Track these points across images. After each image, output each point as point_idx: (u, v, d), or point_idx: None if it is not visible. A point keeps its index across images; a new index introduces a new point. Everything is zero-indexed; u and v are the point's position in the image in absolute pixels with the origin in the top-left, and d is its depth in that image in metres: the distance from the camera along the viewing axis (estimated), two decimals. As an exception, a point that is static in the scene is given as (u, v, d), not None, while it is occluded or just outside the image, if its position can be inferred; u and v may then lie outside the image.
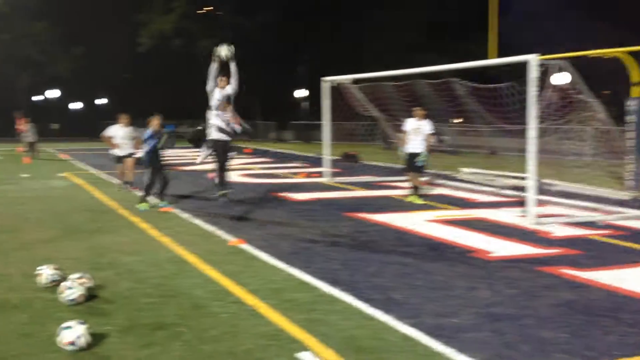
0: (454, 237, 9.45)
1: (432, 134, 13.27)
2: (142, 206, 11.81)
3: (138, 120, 14.57)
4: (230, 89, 12.26)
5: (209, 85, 12.45)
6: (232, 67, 11.16)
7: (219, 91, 12.55)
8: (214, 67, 10.89)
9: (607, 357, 4.83)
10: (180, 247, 8.59)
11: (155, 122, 12.22)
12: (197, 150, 13.89)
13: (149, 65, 54.14)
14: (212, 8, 50.20)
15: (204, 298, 6.25)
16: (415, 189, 13.24)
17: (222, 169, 12.90)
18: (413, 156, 13.08)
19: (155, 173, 12.07)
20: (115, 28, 52.87)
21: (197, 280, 6.89)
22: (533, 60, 10.59)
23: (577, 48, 18.51)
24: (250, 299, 6.20)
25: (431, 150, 13.31)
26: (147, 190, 12.10)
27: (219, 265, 7.53)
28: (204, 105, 13.30)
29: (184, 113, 53.28)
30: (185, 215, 11.25)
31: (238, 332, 5.28)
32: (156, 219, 10.88)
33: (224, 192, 12.84)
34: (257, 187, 15.99)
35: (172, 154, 26.57)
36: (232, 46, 10.53)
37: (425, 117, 13.21)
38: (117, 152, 14.76)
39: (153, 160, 12.03)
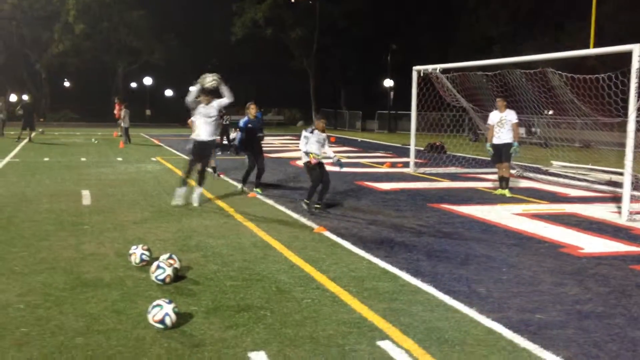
0: (542, 231, 9.18)
1: (518, 124, 12.89)
2: (258, 190, 12.35)
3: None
4: (216, 104, 11.41)
5: (189, 102, 11.86)
6: (224, 91, 10.57)
7: (204, 106, 11.74)
8: (195, 90, 10.85)
9: None
10: (264, 232, 8.76)
11: (252, 110, 12.47)
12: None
13: (239, 54, 55.26)
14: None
15: (287, 283, 6.36)
16: (506, 181, 12.88)
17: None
18: (499, 148, 12.74)
19: (254, 159, 12.41)
20: (209, 17, 54.32)
21: (281, 266, 7.01)
22: (637, 49, 10.10)
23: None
24: (333, 286, 6.25)
25: (520, 141, 12.92)
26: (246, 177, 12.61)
27: (303, 252, 7.64)
28: (288, 94, 13.36)
29: (270, 101, 54.12)
30: (270, 202, 11.45)
31: (319, 318, 5.34)
32: (242, 204, 11.14)
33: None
34: (342, 176, 16.04)
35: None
36: (216, 74, 10.57)
37: (507, 107, 12.84)
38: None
39: (251, 147, 12.36)
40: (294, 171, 16.58)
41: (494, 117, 12.88)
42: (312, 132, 10.74)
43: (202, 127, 10.84)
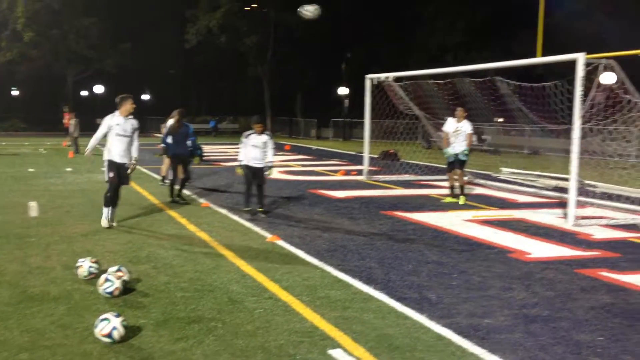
0: (492, 237, 9.36)
1: (472, 134, 13.06)
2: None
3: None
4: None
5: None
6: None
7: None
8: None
9: (644, 363, 4.73)
10: (217, 242, 8.70)
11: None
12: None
13: (194, 61, 54.91)
14: (256, 5, 50.54)
15: (240, 293, 6.32)
16: (461, 188, 13.00)
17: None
18: (454, 156, 12.88)
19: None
20: (162, 25, 53.79)
21: (233, 276, 6.97)
22: (581, 58, 10.40)
23: (625, 47, 18.09)
24: (285, 296, 6.25)
25: (471, 149, 13.09)
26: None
27: (256, 261, 7.61)
28: (244, 102, 13.37)
29: (225, 109, 53.88)
30: (223, 211, 11.38)
31: (271, 328, 5.33)
32: (195, 214, 11.04)
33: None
34: (296, 184, 16.07)
35: (213, 150, 26.91)
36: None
37: (466, 117, 12.98)
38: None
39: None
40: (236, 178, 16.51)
41: (450, 125, 12.93)
42: (247, 136, 10.84)
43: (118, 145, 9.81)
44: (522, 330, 5.37)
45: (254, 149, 10.81)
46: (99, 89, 56.39)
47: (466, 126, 12.76)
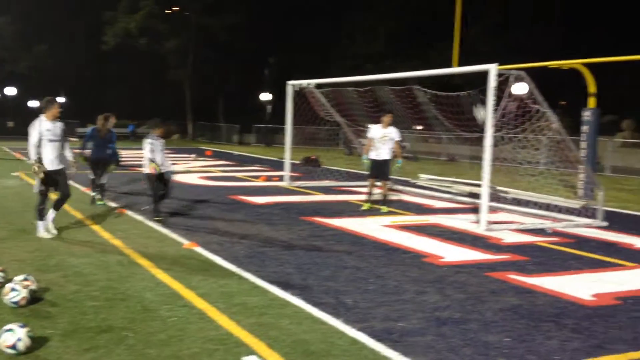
0: (408, 242, 9.56)
1: (400, 141, 13.16)
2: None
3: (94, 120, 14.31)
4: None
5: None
6: None
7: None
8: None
9: (547, 361, 4.94)
10: (132, 249, 8.50)
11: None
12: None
13: (112, 64, 53.54)
14: (178, 8, 49.79)
15: (153, 301, 6.19)
16: (384, 197, 13.08)
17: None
18: (379, 164, 12.77)
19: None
20: (78, 26, 52.17)
21: (147, 284, 6.83)
22: (493, 69, 10.78)
23: (537, 59, 18.91)
24: (201, 303, 6.17)
25: (395, 156, 13.10)
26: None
27: (171, 269, 7.48)
28: (164, 106, 13.18)
29: (145, 113, 52.73)
30: (139, 217, 11.13)
31: (185, 336, 5.25)
32: (109, 220, 10.76)
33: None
34: (217, 190, 15.90)
35: (131, 155, 26.28)
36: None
37: (392, 124, 13.00)
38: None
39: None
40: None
41: (375, 132, 12.79)
42: (153, 141, 10.86)
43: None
44: (434, 333, 5.51)
45: (161, 153, 10.89)
46: (10, 90, 54.07)
47: (394, 133, 12.79)
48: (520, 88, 11.77)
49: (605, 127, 31.92)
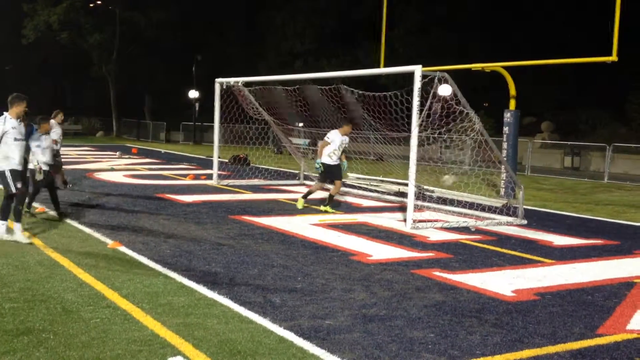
0: (336, 240, 9.63)
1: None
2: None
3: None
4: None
5: None
6: None
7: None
8: None
9: (469, 356, 5.08)
10: (52, 249, 8.22)
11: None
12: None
13: (32, 58, 51.59)
14: (100, 2, 48.38)
15: (75, 303, 6.01)
16: (331, 197, 13.04)
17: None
18: (334, 167, 12.78)
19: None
20: (-1, 16, 49.97)
21: (69, 284, 6.62)
22: (417, 70, 10.99)
23: (461, 61, 19.44)
24: (125, 304, 6.03)
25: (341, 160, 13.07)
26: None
27: (94, 269, 7.29)
28: (88, 102, 12.79)
29: (67, 109, 51.08)
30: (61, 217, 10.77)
31: (108, 338, 5.12)
32: (28, 219, 10.36)
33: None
34: (143, 188, 15.57)
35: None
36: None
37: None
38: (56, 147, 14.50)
39: None
40: (90, 183, 15.79)
41: (335, 137, 12.68)
42: (40, 138, 10.53)
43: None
44: (361, 330, 5.57)
45: (45, 150, 10.68)
46: None
47: (346, 140, 12.89)
48: (444, 89, 12.05)
49: (525, 128, 33.22)
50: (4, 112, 8.75)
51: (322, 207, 12.81)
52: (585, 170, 28.51)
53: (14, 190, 8.67)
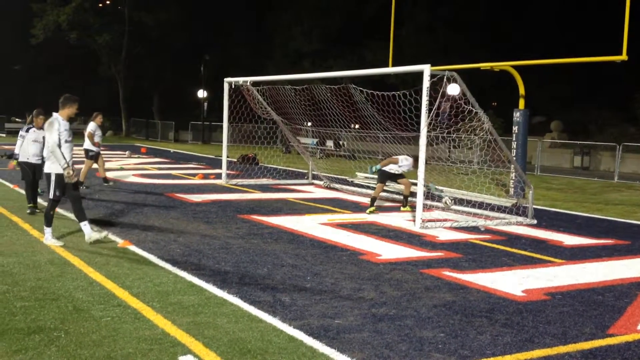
0: (345, 240, 9.63)
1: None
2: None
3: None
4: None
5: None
6: None
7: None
8: None
9: (479, 356, 5.06)
10: (63, 248, 8.26)
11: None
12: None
13: (42, 57, 51.82)
14: (108, 2, 48.58)
15: (86, 301, 6.04)
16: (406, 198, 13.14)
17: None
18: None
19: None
20: (8, 17, 50.23)
21: (80, 283, 6.65)
22: (426, 70, 10.97)
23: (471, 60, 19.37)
24: (135, 302, 6.05)
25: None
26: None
27: (105, 268, 7.32)
28: (97, 102, 12.85)
29: (78, 109, 51.23)
30: (71, 215, 10.79)
31: (119, 336, 5.14)
32: (39, 219, 10.39)
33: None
34: (152, 187, 15.62)
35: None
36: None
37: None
38: (96, 149, 15.17)
39: None
40: (99, 182, 15.85)
41: (404, 163, 12.79)
42: (27, 130, 10.77)
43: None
44: (370, 329, 5.57)
45: (34, 144, 10.76)
46: None
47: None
48: (453, 89, 12.03)
49: (534, 128, 33.13)
50: (54, 113, 8.60)
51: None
52: (595, 170, 28.39)
53: (51, 196, 8.52)
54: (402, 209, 13.03)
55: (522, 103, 16.82)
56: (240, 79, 16.94)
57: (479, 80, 28.84)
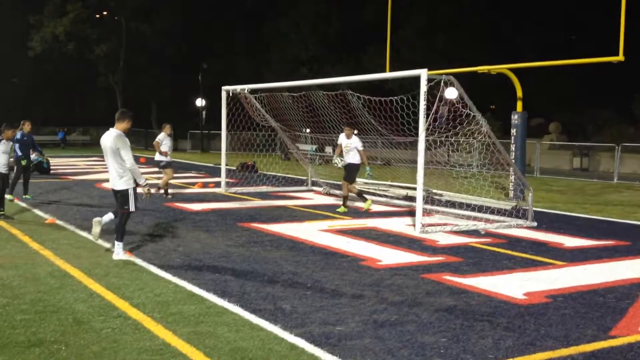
0: (345, 246, 9.62)
1: (364, 150, 13.54)
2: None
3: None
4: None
5: None
6: None
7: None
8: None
9: (482, 360, 5.05)
10: (63, 260, 8.24)
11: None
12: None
13: (40, 69, 51.86)
14: (105, 13, 48.66)
15: (86, 313, 6.02)
16: (345, 198, 13.51)
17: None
18: (345, 167, 13.45)
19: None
20: (4, 29, 50.26)
21: (80, 295, 6.64)
22: (423, 74, 10.97)
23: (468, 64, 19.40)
24: (135, 313, 6.03)
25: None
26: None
27: (105, 279, 7.30)
28: (95, 113, 12.91)
29: (75, 120, 51.43)
30: (71, 227, 10.82)
31: (119, 348, 5.12)
32: (39, 231, 10.41)
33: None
34: (152, 197, 15.55)
35: (62, 163, 25.57)
36: None
37: (353, 134, 13.57)
38: (166, 159, 15.65)
39: None
40: (99, 194, 15.84)
41: (342, 140, 13.50)
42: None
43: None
44: (372, 336, 5.55)
45: (3, 155, 11.65)
46: None
47: (355, 142, 13.32)
48: (450, 93, 12.04)
49: (533, 130, 33.11)
50: (110, 128, 8.75)
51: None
52: (594, 171, 28.37)
53: (133, 207, 8.52)
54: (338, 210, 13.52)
55: (519, 105, 16.83)
56: (238, 87, 16.95)
57: (477, 84, 28.85)
